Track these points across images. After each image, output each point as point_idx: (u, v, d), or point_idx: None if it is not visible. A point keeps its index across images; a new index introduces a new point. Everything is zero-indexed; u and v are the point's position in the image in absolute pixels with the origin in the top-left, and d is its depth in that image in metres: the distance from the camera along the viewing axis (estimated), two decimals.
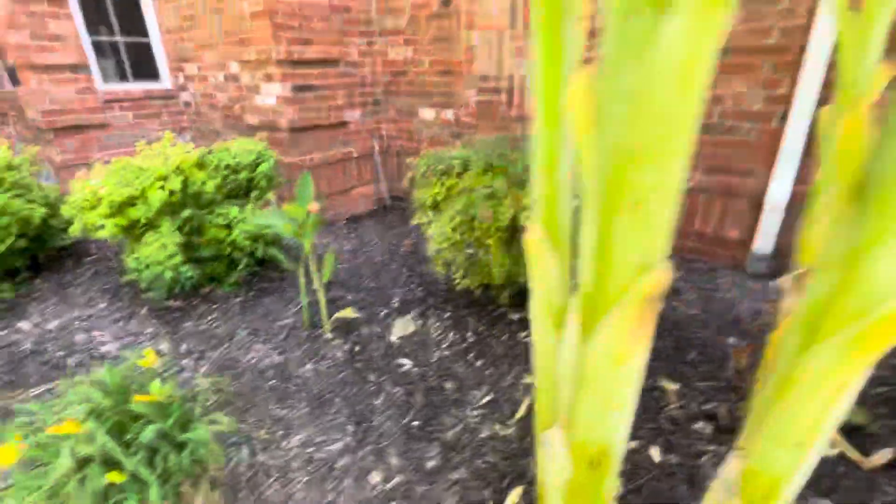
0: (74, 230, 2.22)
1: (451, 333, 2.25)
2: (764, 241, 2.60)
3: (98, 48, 4.19)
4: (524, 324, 2.29)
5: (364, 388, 1.93)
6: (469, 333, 2.24)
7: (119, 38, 4.32)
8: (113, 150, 4.27)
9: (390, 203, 4.45)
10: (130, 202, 2.18)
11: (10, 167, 2.51)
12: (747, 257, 2.73)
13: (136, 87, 4.40)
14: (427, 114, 3.98)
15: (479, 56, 3.48)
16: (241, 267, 2.57)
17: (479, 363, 2.05)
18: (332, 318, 2.32)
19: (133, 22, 4.38)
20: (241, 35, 3.56)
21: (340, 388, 1.93)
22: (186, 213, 2.26)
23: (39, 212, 2.53)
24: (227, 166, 2.45)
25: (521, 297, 2.30)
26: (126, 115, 4.34)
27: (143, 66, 4.56)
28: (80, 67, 3.96)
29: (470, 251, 1.94)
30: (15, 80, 4.09)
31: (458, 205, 1.83)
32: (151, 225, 2.26)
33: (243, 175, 2.51)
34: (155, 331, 2.33)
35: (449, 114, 3.83)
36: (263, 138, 3.39)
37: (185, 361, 2.16)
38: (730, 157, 2.64)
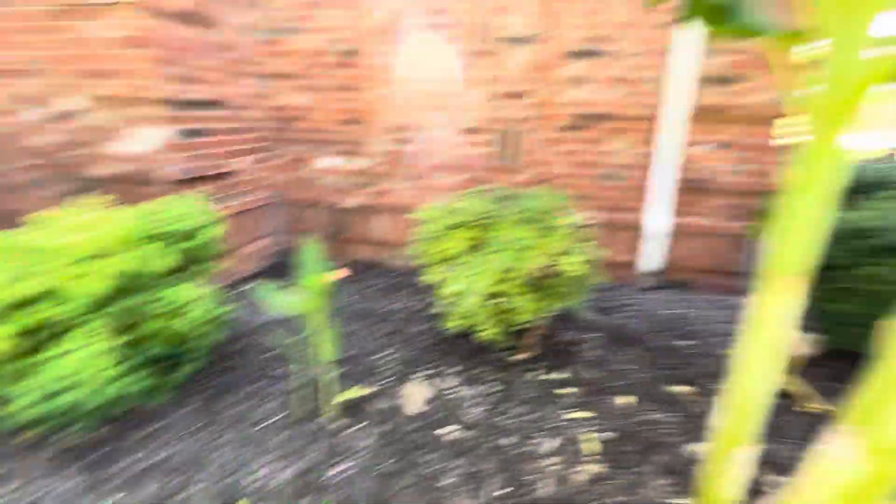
0: None
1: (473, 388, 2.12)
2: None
3: None
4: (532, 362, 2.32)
5: (419, 472, 1.65)
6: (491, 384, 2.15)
7: None
8: None
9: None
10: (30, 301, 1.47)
11: None
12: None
13: None
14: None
15: None
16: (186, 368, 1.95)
17: (517, 411, 1.98)
18: (336, 401, 1.95)
19: None
20: (92, 64, 2.76)
21: (393, 481, 1.61)
22: (126, 302, 1.63)
23: None
24: (169, 234, 1.88)
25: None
26: None
27: None
28: None
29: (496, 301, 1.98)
30: None
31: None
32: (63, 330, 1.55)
33: (187, 244, 1.95)
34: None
35: None
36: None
37: None
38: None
